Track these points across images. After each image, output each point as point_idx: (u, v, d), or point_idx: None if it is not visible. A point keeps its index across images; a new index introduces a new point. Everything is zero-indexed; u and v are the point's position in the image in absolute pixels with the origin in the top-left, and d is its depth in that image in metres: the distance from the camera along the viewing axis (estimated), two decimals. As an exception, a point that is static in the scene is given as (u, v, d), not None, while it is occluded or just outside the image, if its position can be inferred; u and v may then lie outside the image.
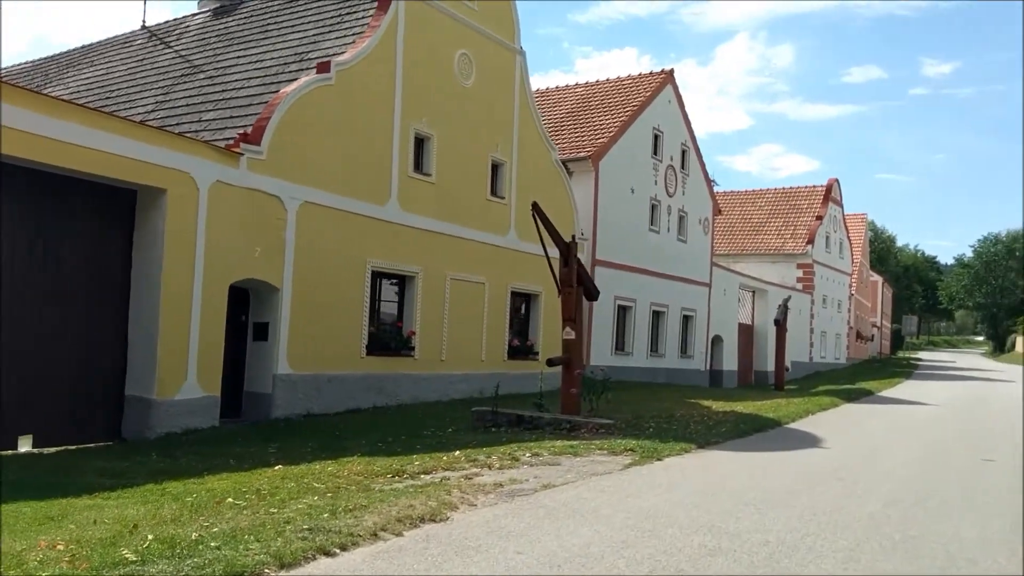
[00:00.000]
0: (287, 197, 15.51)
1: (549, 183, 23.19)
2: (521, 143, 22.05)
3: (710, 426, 14.04)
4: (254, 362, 15.70)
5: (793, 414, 17.07)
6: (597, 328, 25.87)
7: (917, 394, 27.83)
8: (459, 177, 19.82)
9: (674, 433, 12.88)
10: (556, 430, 13.27)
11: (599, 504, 7.15)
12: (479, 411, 14.26)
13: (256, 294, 15.68)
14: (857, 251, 58.82)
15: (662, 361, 29.96)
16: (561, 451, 10.67)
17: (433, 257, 18.94)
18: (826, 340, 48.75)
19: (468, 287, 20.12)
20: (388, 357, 17.87)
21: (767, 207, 48.23)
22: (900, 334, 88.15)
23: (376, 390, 17.51)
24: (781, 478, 9.16)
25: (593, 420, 13.58)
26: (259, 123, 15.37)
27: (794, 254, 44.80)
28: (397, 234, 17.97)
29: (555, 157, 23.53)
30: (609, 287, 26.52)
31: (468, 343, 20.16)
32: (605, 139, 26.56)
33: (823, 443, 12.97)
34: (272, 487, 8.03)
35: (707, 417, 15.54)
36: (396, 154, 17.95)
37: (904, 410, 20.86)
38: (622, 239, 27.23)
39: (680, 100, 31.16)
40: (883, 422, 17.47)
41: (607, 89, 30.50)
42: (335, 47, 17.88)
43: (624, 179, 27.38)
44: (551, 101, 31.00)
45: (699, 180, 32.92)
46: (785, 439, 13.41)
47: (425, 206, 18.73)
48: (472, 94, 20.23)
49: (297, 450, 11.75)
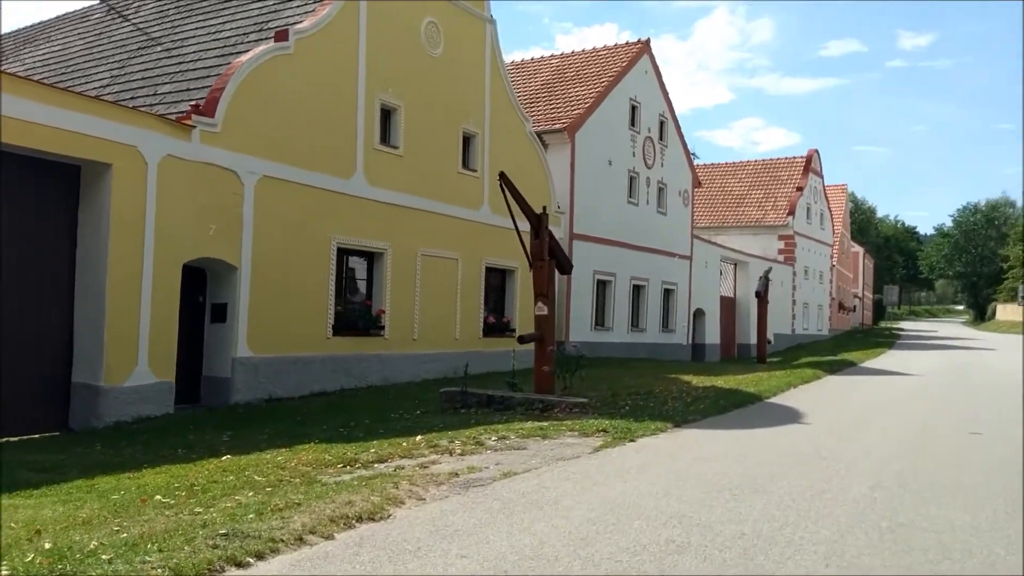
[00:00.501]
0: (244, 171, 14.79)
1: (523, 156, 22.51)
2: (493, 115, 21.34)
3: (688, 403, 13.49)
4: (212, 345, 15.03)
5: (774, 388, 16.57)
6: (576, 303, 25.29)
7: (900, 364, 27.46)
8: (429, 150, 19.11)
9: (650, 411, 12.32)
10: (528, 410, 12.70)
11: (561, 494, 6.56)
12: (448, 392, 13.66)
13: (213, 274, 14.99)
14: (838, 222, 58.43)
15: (643, 336, 29.43)
16: (529, 433, 10.09)
17: (402, 233, 18.27)
18: (808, 312, 48.41)
19: (440, 263, 19.47)
20: (356, 337, 17.23)
21: (747, 179, 47.67)
22: (882, 304, 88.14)
23: (344, 372, 16.88)
24: (760, 459, 8.61)
25: (567, 399, 13.01)
26: (213, 94, 14.62)
27: (775, 226, 44.31)
28: (364, 209, 17.28)
29: (529, 129, 22.83)
30: (588, 261, 25.93)
31: (441, 321, 19.53)
32: (581, 111, 25.85)
33: (805, 419, 12.45)
34: (209, 481, 7.41)
35: (686, 393, 15.00)
36: (361, 126, 17.23)
37: (887, 381, 20.42)
38: (600, 212, 26.59)
39: (657, 70, 30.45)
40: (866, 394, 16.99)
41: (582, 60, 29.73)
42: (296, 16, 17.09)
43: (601, 151, 26.71)
44: (526, 73, 30.22)
45: (678, 152, 32.28)
46: (765, 415, 12.88)
47: (393, 180, 18.03)
48: (441, 64, 19.48)
49: (252, 438, 11.15)
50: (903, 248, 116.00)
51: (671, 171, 31.50)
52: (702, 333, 34.74)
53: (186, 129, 13.88)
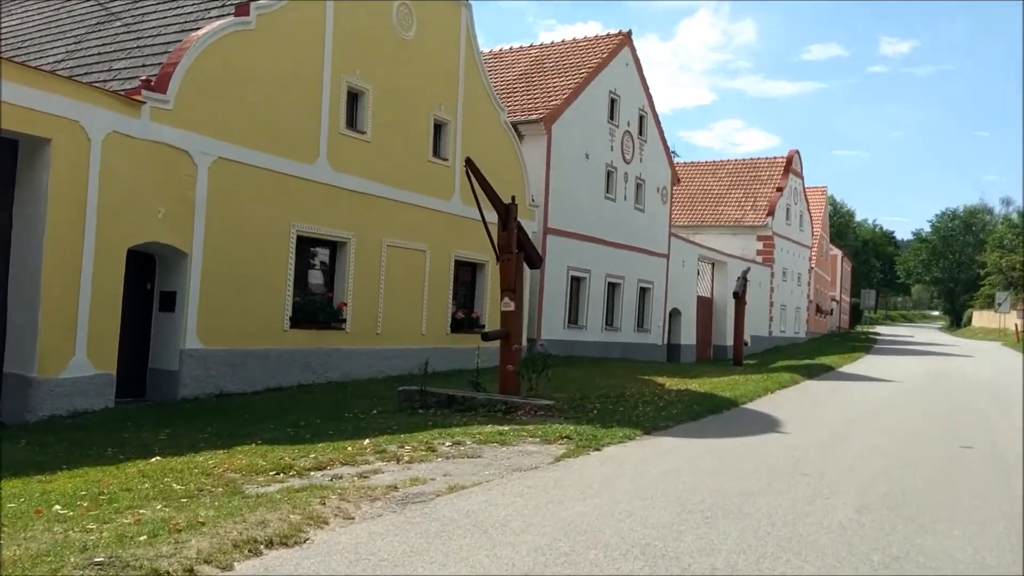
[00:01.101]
0: (197, 152, 13.95)
1: (497, 146, 21.74)
2: (467, 102, 20.55)
3: (660, 407, 12.79)
4: (159, 336, 14.19)
5: (751, 393, 15.91)
6: (548, 300, 24.57)
7: (878, 370, 26.94)
8: (398, 136, 18.31)
9: (620, 416, 11.61)
10: (490, 412, 11.96)
11: (511, 514, 5.82)
12: (406, 391, 12.89)
13: (162, 260, 14.14)
14: (817, 224, 58.07)
15: (618, 335, 28.76)
16: (487, 439, 9.35)
17: (368, 222, 17.47)
18: (786, 314, 47.96)
19: (407, 255, 18.68)
20: (316, 330, 16.42)
21: (727, 178, 47.12)
22: (859, 308, 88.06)
23: (302, 366, 16.07)
24: (736, 473, 7.91)
25: (532, 401, 12.28)
26: (165, 69, 13.77)
27: (754, 226, 43.79)
28: (327, 196, 16.47)
29: (504, 118, 22.07)
30: (562, 257, 25.22)
31: (407, 315, 18.74)
32: (559, 101, 25.11)
33: (783, 427, 11.79)
34: (122, 489, 6.62)
35: (659, 396, 14.31)
36: (326, 109, 16.41)
37: (867, 387, 19.84)
38: (576, 207, 25.88)
39: (638, 63, 29.75)
40: (846, 401, 16.37)
41: (562, 51, 28.99)
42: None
43: (578, 144, 25.99)
44: (504, 64, 29.44)
45: (657, 147, 31.61)
46: (741, 422, 12.20)
47: (359, 166, 17.22)
48: (413, 47, 18.68)
49: (191, 437, 10.35)
50: (881, 252, 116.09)
51: (650, 167, 30.83)
52: (678, 333, 34.13)
53: (135, 105, 13.03)
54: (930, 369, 28.40)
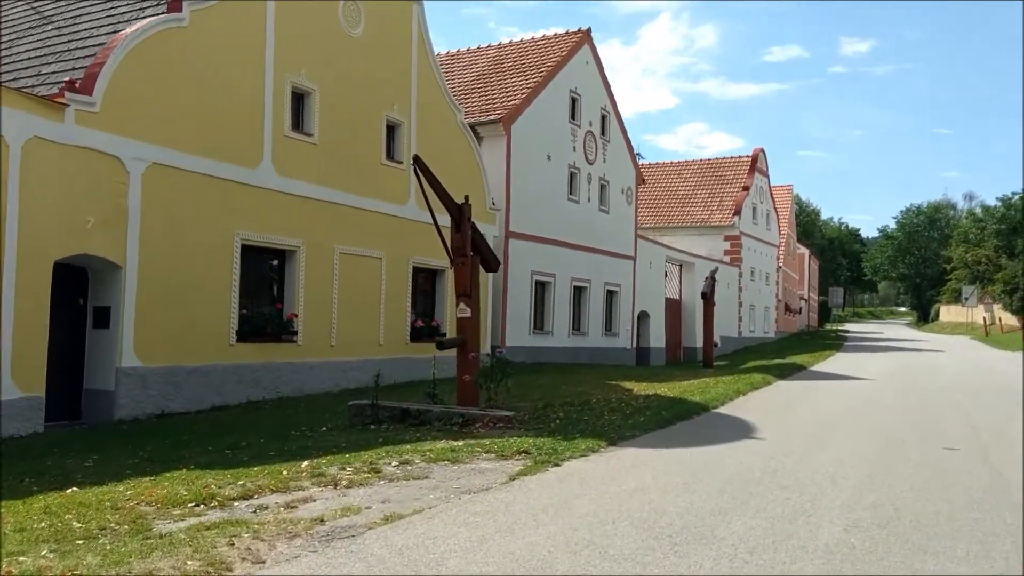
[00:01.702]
0: (129, 157, 13.08)
1: (454, 147, 21.01)
2: (421, 102, 19.80)
3: (627, 414, 12.09)
4: (94, 354, 13.30)
5: (722, 396, 15.26)
6: (512, 306, 23.84)
7: (850, 367, 26.49)
8: (348, 138, 17.51)
9: (583, 426, 10.89)
10: (446, 425, 11.20)
11: (450, 549, 5.05)
12: (357, 405, 12.09)
13: (95, 274, 13.26)
14: (784, 223, 57.84)
15: (585, 340, 28.08)
16: (438, 456, 8.58)
17: (318, 228, 16.65)
18: (755, 314, 47.60)
19: (362, 262, 17.87)
20: (265, 344, 15.57)
21: (693, 179, 46.69)
22: (827, 306, 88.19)
23: (250, 382, 15.22)
24: (708, 488, 7.21)
25: (490, 412, 11.53)
26: (91, 70, 12.91)
27: (721, 226, 43.36)
28: (272, 202, 15.64)
29: (460, 119, 21.34)
30: (525, 261, 24.51)
31: (363, 325, 17.93)
32: (517, 101, 24.41)
33: (757, 432, 11.12)
34: (15, 529, 5.80)
35: (626, 403, 13.61)
36: (269, 110, 15.59)
37: (841, 386, 19.30)
38: (539, 209, 25.19)
39: (599, 62, 29.14)
40: (821, 402, 15.76)
41: (520, 50, 28.32)
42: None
43: (539, 145, 25.30)
44: (461, 65, 28.71)
45: (621, 147, 31.02)
46: (713, 428, 11.53)
47: (307, 170, 16.41)
48: (362, 45, 17.90)
49: (120, 462, 9.52)
50: (847, 250, 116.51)
51: (614, 167, 30.22)
52: (647, 336, 33.53)
53: (58, 108, 12.16)
54: (902, 365, 28.01)
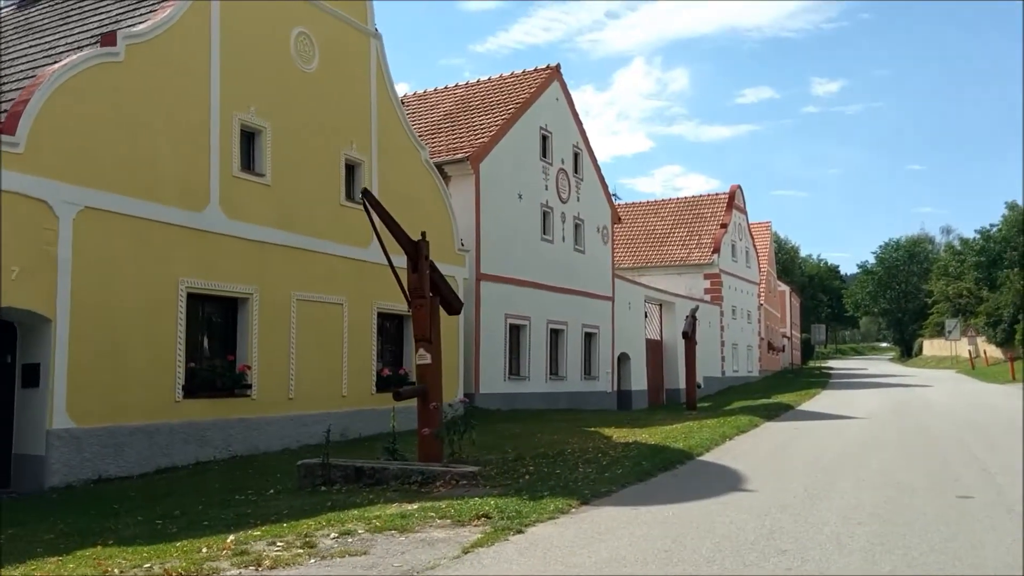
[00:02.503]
0: (58, 201, 12.06)
1: (419, 186, 20.12)
2: (382, 140, 18.92)
3: (604, 466, 11.03)
4: (24, 415, 12.17)
5: (707, 441, 14.23)
6: (486, 351, 22.81)
7: (839, 406, 25.55)
8: (304, 179, 16.56)
9: (555, 481, 9.83)
10: (404, 484, 10.12)
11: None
12: (307, 465, 10.97)
13: (22, 328, 12.16)
14: (764, 260, 57.28)
15: (563, 384, 27.03)
16: (385, 524, 7.51)
17: (272, 274, 15.63)
18: (738, 353, 46.71)
19: (321, 309, 16.83)
20: (215, 399, 14.45)
21: (670, 217, 46.10)
22: (810, 344, 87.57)
23: (199, 441, 14.07)
24: (695, 557, 6.18)
25: (454, 468, 10.45)
26: (15, 108, 11.92)
27: (700, 264, 42.66)
28: (221, 247, 14.63)
29: (425, 157, 20.47)
30: (499, 304, 23.54)
31: (325, 376, 16.83)
32: (485, 139, 23.63)
33: (747, 483, 10.09)
34: None
35: (603, 452, 12.55)
36: (216, 149, 14.63)
37: (833, 427, 18.32)
38: (511, 250, 24.29)
39: (569, 99, 28.51)
40: (814, 445, 14.73)
41: (488, 88, 27.65)
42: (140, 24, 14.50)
43: (510, 183, 24.49)
44: (428, 105, 28.01)
45: (595, 185, 30.29)
46: (698, 480, 10.48)
47: (259, 213, 15.43)
48: (317, 81, 17.05)
49: (34, 539, 8.44)
50: (827, 287, 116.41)
51: (588, 205, 29.44)
52: (628, 379, 32.51)
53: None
54: (893, 402, 27.10)
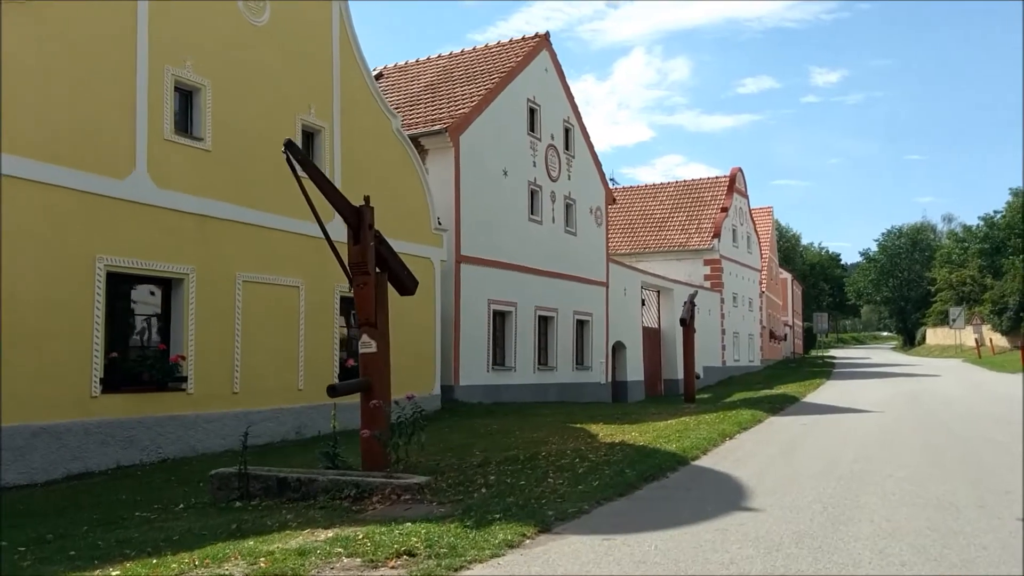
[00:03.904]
0: (-58, 163, 10.23)
1: (389, 159, 18.28)
2: (346, 106, 17.07)
3: (580, 474, 9.21)
4: (-99, 415, 10.34)
5: (704, 441, 12.40)
6: (467, 340, 21.00)
7: (847, 398, 23.74)
8: (252, 145, 14.70)
9: (516, 496, 8.01)
10: (335, 499, 8.31)
11: None
12: (221, 475, 9.13)
13: (-101, 311, 10.34)
14: (765, 246, 55.36)
15: (553, 375, 25.22)
16: (276, 564, 5.70)
17: (213, 252, 13.82)
18: (739, 341, 44.88)
19: (273, 292, 15.02)
20: (142, 394, 12.64)
21: (669, 201, 44.20)
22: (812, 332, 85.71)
23: (123, 443, 12.27)
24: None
25: (396, 479, 8.63)
26: None
27: (700, 249, 40.78)
28: (150, 219, 12.80)
29: (397, 126, 18.59)
30: (481, 290, 21.72)
31: (277, 368, 15.04)
32: (467, 110, 21.75)
33: (752, 498, 8.27)
34: None
35: (583, 456, 10.72)
36: (143, 108, 12.79)
37: (844, 422, 16.49)
38: (495, 231, 22.45)
39: (560, 71, 26.59)
40: (826, 445, 12.89)
41: (472, 58, 25.77)
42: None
43: (494, 159, 22.62)
44: (407, 77, 26.12)
45: (587, 163, 28.39)
46: (692, 494, 8.65)
47: (196, 181, 13.60)
48: (268, 37, 15.20)
49: None
50: (829, 275, 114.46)
51: (580, 185, 27.56)
52: (623, 369, 30.71)
53: None
54: (904, 393, 25.27)
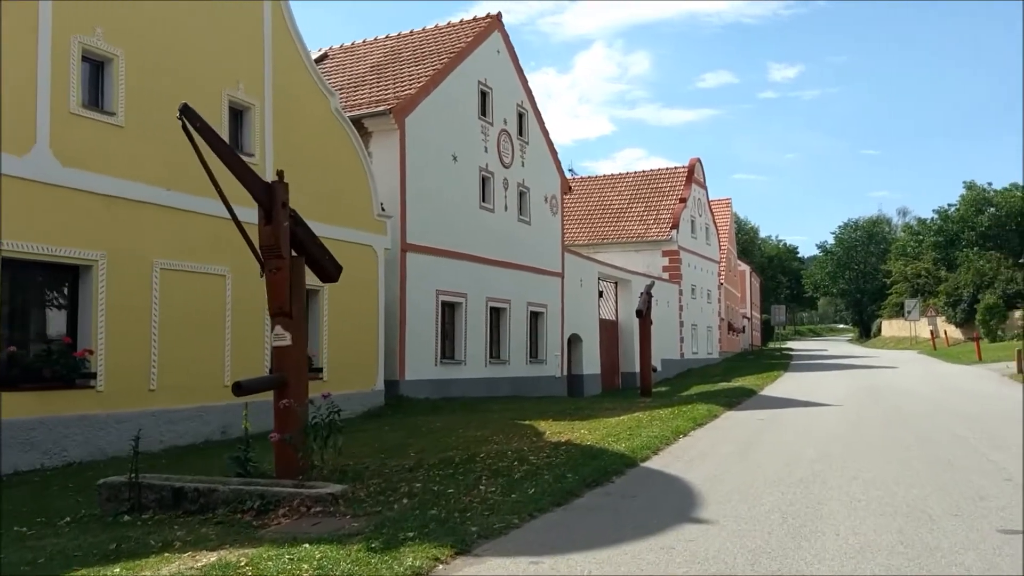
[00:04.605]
0: None
1: (327, 140, 17.21)
2: (280, 83, 15.98)
3: (516, 480, 8.31)
4: None
5: (656, 439, 11.58)
6: (413, 332, 20.01)
7: (805, 391, 23.16)
8: (172, 120, 13.35)
9: (440, 508, 7.10)
10: (235, 513, 7.33)
11: None
12: (110, 485, 8.10)
13: None
14: (724, 238, 55.00)
15: (505, 369, 24.32)
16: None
17: (127, 237, 12.70)
18: (697, 333, 44.36)
19: (196, 281, 13.93)
20: (44, 392, 11.50)
21: (627, 192, 43.51)
22: (770, 324, 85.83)
23: (23, 445, 11.15)
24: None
25: (307, 489, 7.66)
26: None
27: (658, 240, 40.16)
28: (54, 200, 11.67)
29: (335, 105, 17.53)
30: (428, 279, 20.74)
31: (201, 362, 13.95)
32: (413, 91, 20.73)
33: (703, 508, 7.41)
34: None
35: (523, 458, 9.83)
36: (45, 79, 11.64)
37: (803, 417, 15.80)
38: (444, 218, 21.47)
39: (513, 53, 25.65)
40: (784, 443, 12.09)
41: (422, 38, 24.73)
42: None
43: (442, 143, 21.63)
44: (353, 58, 25.01)
45: (542, 151, 27.49)
46: (637, 502, 7.77)
47: (107, 160, 12.47)
48: (191, 5, 14.07)
49: None
50: (786, 268, 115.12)
51: (535, 172, 26.66)
52: (579, 362, 29.88)
53: None
54: (863, 386, 24.76)
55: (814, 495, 7.90)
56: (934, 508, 7.20)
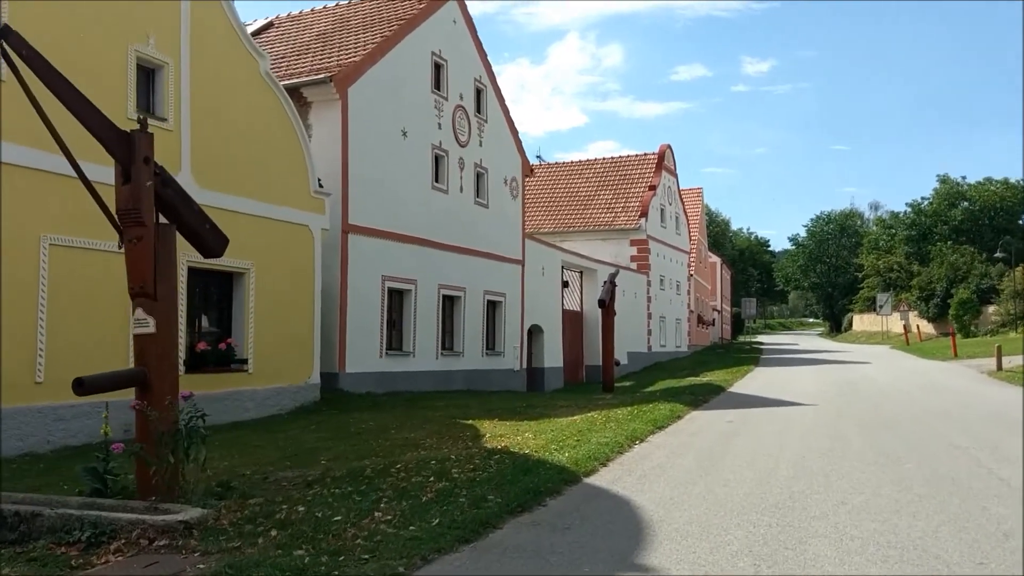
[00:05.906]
0: None
1: (256, 107, 15.54)
2: (198, 40, 14.28)
3: (424, 504, 6.75)
4: None
5: (606, 447, 10.07)
6: (355, 321, 18.39)
7: (777, 387, 21.83)
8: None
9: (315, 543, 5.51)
10: (59, 545, 5.75)
11: None
12: (-90, 506, 6.46)
13: None
14: (695, 228, 53.65)
15: (459, 361, 22.77)
16: None
17: (9, 208, 11.02)
18: (666, 326, 43.01)
19: (94, 259, 12.23)
20: None
21: (595, 179, 42.02)
22: (741, 318, 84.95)
23: None
24: None
25: (153, 516, 6.08)
26: None
27: (627, 229, 38.70)
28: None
29: (265, 68, 15.83)
30: (373, 264, 19.12)
31: (100, 352, 12.25)
32: (357, 59, 19.07)
33: (653, 546, 5.87)
34: None
35: (446, 471, 8.27)
36: (-100, 18, 9.89)
37: (776, 419, 14.38)
38: (391, 198, 19.84)
39: (471, 24, 24.03)
40: (756, 453, 10.56)
41: (373, 7, 23.01)
42: None
43: (390, 117, 19.98)
44: (300, 26, 23.26)
45: (502, 129, 25.90)
46: (569, 537, 6.17)
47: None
48: (92, -53, 12.35)
49: None
50: (758, 261, 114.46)
51: (493, 152, 25.07)
52: (540, 355, 28.37)
53: None
54: (836, 382, 23.47)
55: (794, 528, 6.39)
56: (950, 552, 5.68)
